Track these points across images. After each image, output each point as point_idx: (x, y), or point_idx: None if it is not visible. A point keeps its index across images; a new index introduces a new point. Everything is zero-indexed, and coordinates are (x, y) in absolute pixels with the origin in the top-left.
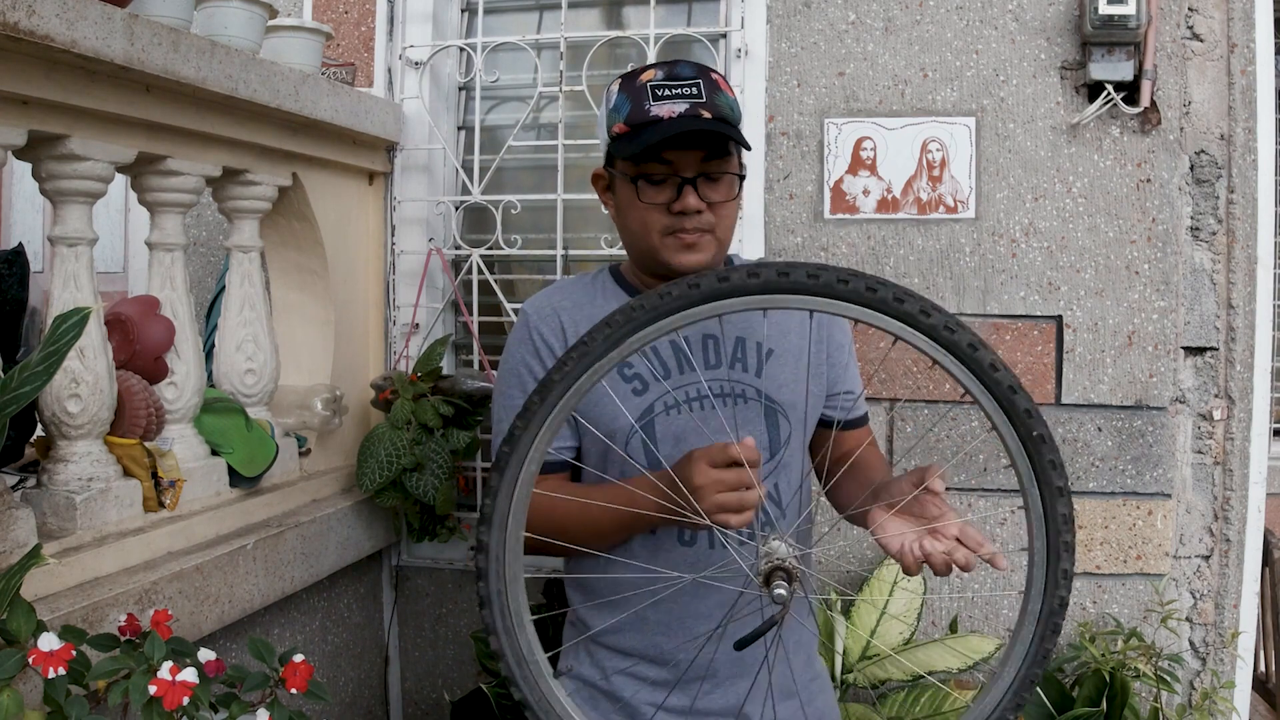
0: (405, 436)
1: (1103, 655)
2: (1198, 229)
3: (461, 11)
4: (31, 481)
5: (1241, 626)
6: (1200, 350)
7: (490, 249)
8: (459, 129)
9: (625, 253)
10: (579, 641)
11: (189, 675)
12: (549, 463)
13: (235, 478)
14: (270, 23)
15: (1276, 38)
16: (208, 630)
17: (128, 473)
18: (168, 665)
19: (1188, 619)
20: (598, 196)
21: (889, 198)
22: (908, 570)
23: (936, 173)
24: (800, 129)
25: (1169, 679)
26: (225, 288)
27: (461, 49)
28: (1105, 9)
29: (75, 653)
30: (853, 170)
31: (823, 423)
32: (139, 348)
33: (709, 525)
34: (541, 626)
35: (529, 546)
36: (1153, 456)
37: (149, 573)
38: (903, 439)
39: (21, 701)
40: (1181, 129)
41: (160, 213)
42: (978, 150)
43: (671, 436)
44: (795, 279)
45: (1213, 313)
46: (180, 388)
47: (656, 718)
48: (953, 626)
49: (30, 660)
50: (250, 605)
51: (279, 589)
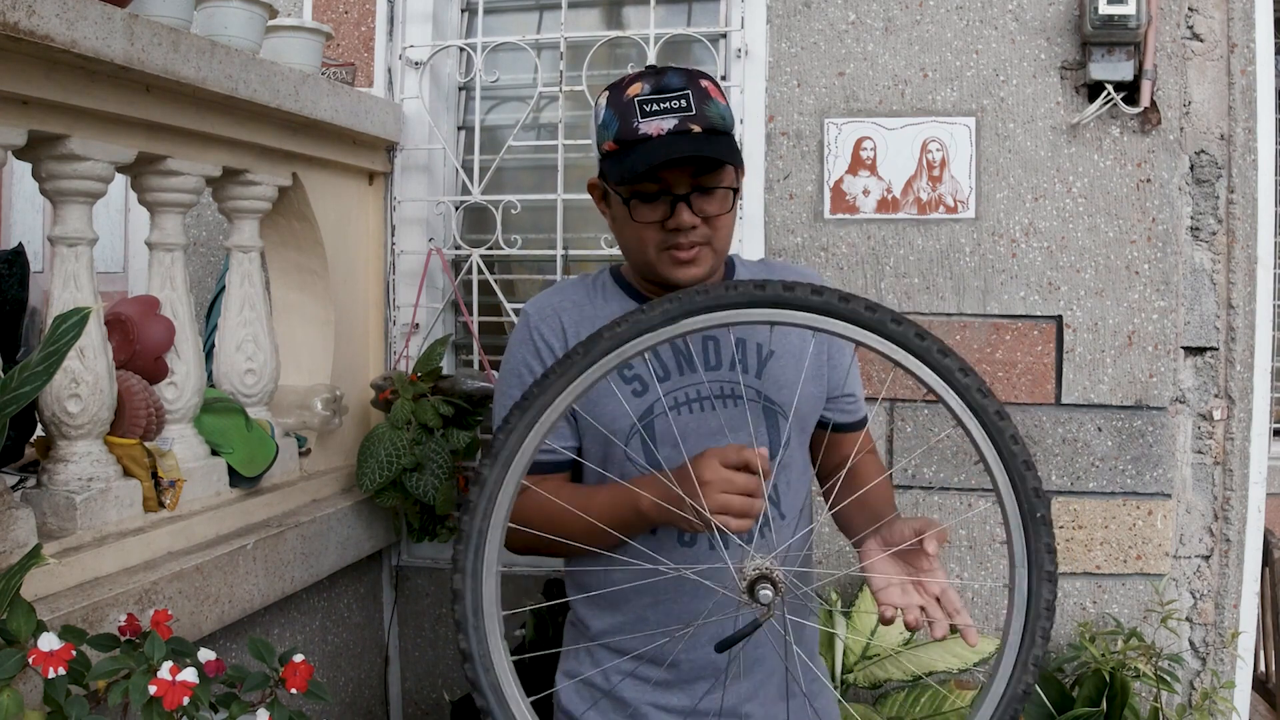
0: (405, 436)
1: (1103, 655)
2: (1198, 229)
3: (461, 11)
4: (31, 481)
5: (1241, 626)
6: (1200, 350)
7: (490, 249)
8: (459, 129)
9: None
10: (579, 642)
11: (189, 675)
12: (549, 462)
13: (235, 478)
14: (270, 23)
15: (1276, 38)
16: (208, 630)
17: (128, 473)
18: (168, 665)
19: (1188, 619)
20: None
21: (889, 198)
22: (881, 616)
23: (936, 173)
24: (800, 129)
25: (1169, 679)
26: (225, 288)
27: (461, 49)
28: (1105, 9)
29: (75, 653)
30: (853, 170)
31: (822, 424)
32: (139, 348)
33: (708, 525)
34: (542, 627)
35: (529, 547)
36: (1153, 456)
37: (149, 573)
38: (903, 439)
39: (21, 701)
40: (1181, 129)
41: (160, 213)
42: (978, 150)
43: (672, 437)
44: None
45: (1213, 313)
46: (180, 388)
47: (659, 718)
48: (952, 627)
49: (30, 660)
50: (250, 605)
51: (279, 589)
